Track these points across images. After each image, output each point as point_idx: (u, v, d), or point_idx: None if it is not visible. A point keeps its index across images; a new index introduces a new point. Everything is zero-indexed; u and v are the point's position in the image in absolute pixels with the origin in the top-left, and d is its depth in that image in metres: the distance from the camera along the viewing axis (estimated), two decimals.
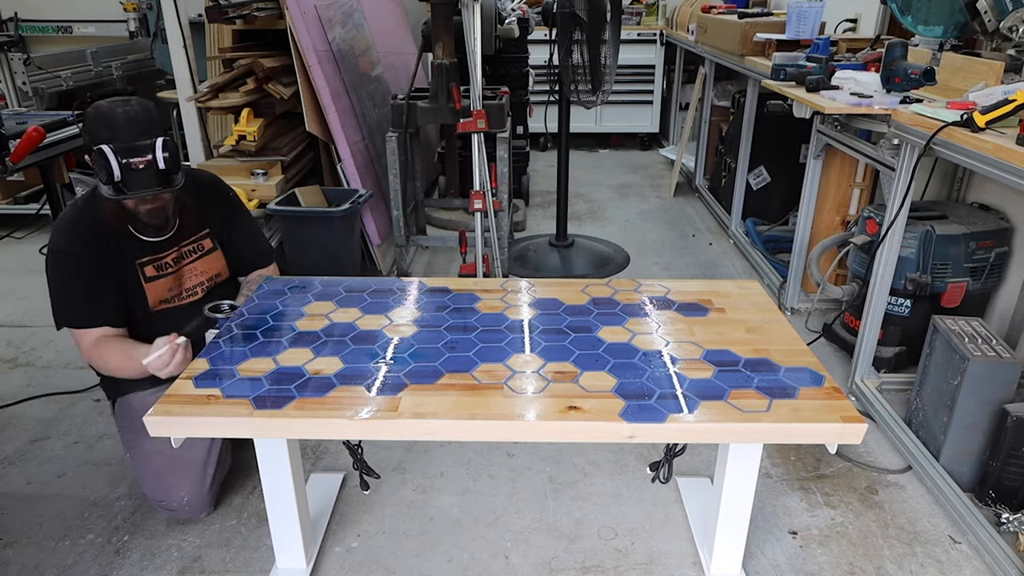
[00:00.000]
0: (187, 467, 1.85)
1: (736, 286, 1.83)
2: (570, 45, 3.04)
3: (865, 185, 2.92)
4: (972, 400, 1.91)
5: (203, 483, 1.86)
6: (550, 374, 1.42)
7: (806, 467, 2.13)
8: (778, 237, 3.68)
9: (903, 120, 2.09)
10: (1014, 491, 1.87)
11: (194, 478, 1.85)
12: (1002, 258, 2.34)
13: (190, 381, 1.41)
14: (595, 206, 4.61)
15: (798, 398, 1.34)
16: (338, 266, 3.08)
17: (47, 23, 4.93)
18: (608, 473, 2.10)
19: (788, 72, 2.70)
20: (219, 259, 1.96)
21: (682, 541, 1.85)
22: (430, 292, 1.80)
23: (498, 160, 3.12)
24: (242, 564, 1.78)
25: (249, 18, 3.13)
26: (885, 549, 1.83)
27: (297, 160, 3.45)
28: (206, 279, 1.93)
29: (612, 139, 6.21)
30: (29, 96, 4.37)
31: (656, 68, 5.72)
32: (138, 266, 1.79)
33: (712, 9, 4.38)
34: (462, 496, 2.01)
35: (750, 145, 3.65)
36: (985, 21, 2.20)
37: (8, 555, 1.80)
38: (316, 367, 1.45)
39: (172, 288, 1.87)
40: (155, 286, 1.83)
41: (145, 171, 1.58)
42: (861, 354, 2.38)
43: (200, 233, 1.91)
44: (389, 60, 4.31)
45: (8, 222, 3.96)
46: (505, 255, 3.24)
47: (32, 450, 2.20)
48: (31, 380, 2.59)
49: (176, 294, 1.88)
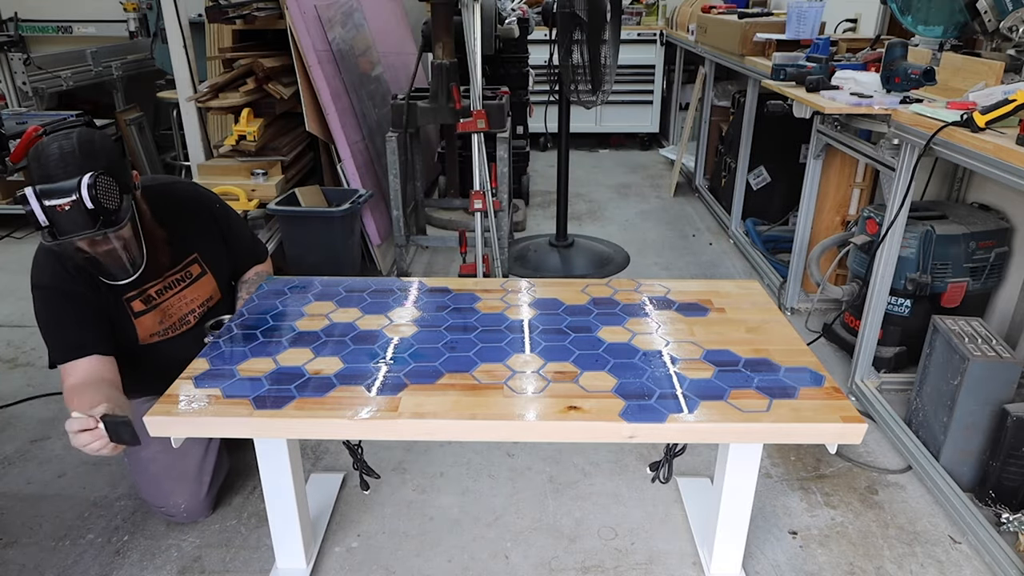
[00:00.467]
0: (183, 474, 1.84)
1: (736, 286, 1.83)
2: (570, 45, 3.04)
3: (865, 185, 2.92)
4: (972, 400, 1.91)
5: (199, 490, 1.86)
6: (550, 374, 1.42)
7: (806, 467, 2.13)
8: (778, 237, 3.68)
9: (903, 120, 2.09)
10: (1014, 491, 1.87)
11: (190, 485, 1.85)
12: (1002, 258, 2.34)
13: (190, 381, 1.41)
14: (595, 206, 4.61)
15: (798, 398, 1.34)
16: (338, 266, 3.08)
17: (47, 23, 4.93)
18: (608, 473, 2.10)
19: (788, 72, 2.70)
20: (209, 283, 1.87)
21: (682, 541, 1.85)
22: (430, 292, 1.80)
23: (498, 160, 3.12)
24: (242, 564, 1.78)
25: (249, 18, 3.13)
26: (885, 549, 1.83)
27: (297, 160, 3.45)
28: (197, 306, 1.85)
29: (612, 139, 6.20)
30: (29, 96, 4.37)
31: (656, 68, 5.72)
32: (125, 301, 1.71)
33: (712, 9, 4.38)
34: (462, 496, 2.01)
35: (750, 145, 3.65)
36: (985, 21, 2.20)
37: (8, 555, 1.80)
38: (316, 367, 1.45)
39: (162, 321, 1.78)
40: (144, 321, 1.74)
41: (71, 212, 1.42)
42: (861, 354, 2.38)
43: (186, 260, 1.81)
44: (389, 60, 4.31)
45: (8, 222, 3.96)
46: (505, 255, 3.24)
47: (32, 450, 2.20)
48: (31, 380, 2.59)
49: (168, 326, 1.80)
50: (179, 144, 4.28)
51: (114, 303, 1.70)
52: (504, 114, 3.12)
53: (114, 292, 1.68)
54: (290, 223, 3.06)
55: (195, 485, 1.86)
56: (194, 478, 1.86)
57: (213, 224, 1.88)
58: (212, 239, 1.87)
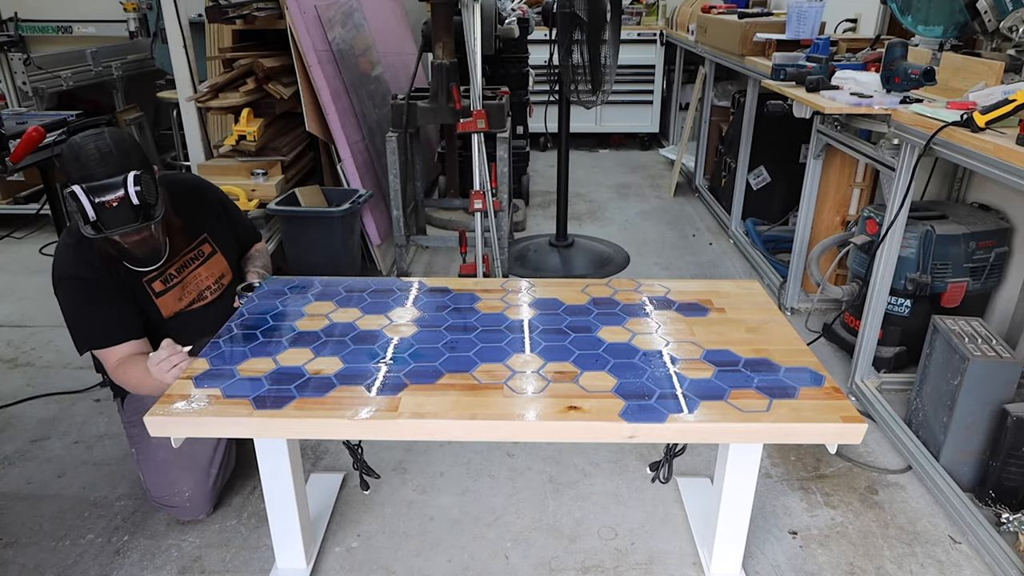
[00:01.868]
0: (193, 462, 1.86)
1: (736, 286, 1.83)
2: (570, 45, 3.04)
3: (865, 185, 2.92)
4: (972, 400, 1.91)
5: (207, 480, 1.87)
6: (550, 374, 1.42)
7: (806, 467, 2.13)
8: (778, 237, 3.68)
9: (903, 120, 2.09)
10: (1014, 491, 1.87)
11: (199, 474, 1.86)
12: (1002, 258, 2.34)
13: (190, 381, 1.41)
14: (595, 206, 4.61)
15: (798, 398, 1.34)
16: (338, 266, 3.08)
17: (47, 23, 4.93)
18: (608, 473, 2.10)
19: (788, 72, 2.70)
20: (221, 262, 1.95)
21: (682, 541, 1.85)
22: (430, 292, 1.80)
23: (498, 160, 3.12)
24: (242, 564, 1.78)
25: (249, 18, 3.13)
26: (885, 549, 1.83)
27: (297, 160, 3.45)
28: (212, 282, 1.93)
29: (612, 139, 6.21)
30: (29, 96, 4.36)
31: (656, 68, 5.72)
32: (145, 283, 1.79)
33: (712, 9, 4.38)
34: (462, 496, 2.01)
35: (750, 145, 3.65)
36: (985, 21, 2.20)
37: (8, 555, 1.80)
38: (316, 367, 1.45)
39: (182, 298, 1.86)
40: (165, 300, 1.82)
41: (119, 208, 1.54)
42: (861, 354, 2.38)
43: (197, 240, 1.90)
44: (389, 60, 4.31)
45: (8, 222, 3.96)
46: (505, 255, 3.24)
47: (32, 450, 2.20)
48: (31, 380, 2.59)
49: (187, 304, 1.87)
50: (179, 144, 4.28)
51: (135, 286, 1.77)
52: (504, 114, 3.12)
53: (134, 276, 1.77)
54: (290, 223, 3.06)
55: (203, 475, 1.87)
56: (203, 468, 1.87)
57: (220, 207, 2.00)
58: (219, 220, 1.97)
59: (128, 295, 1.75)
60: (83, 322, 1.72)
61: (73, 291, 1.71)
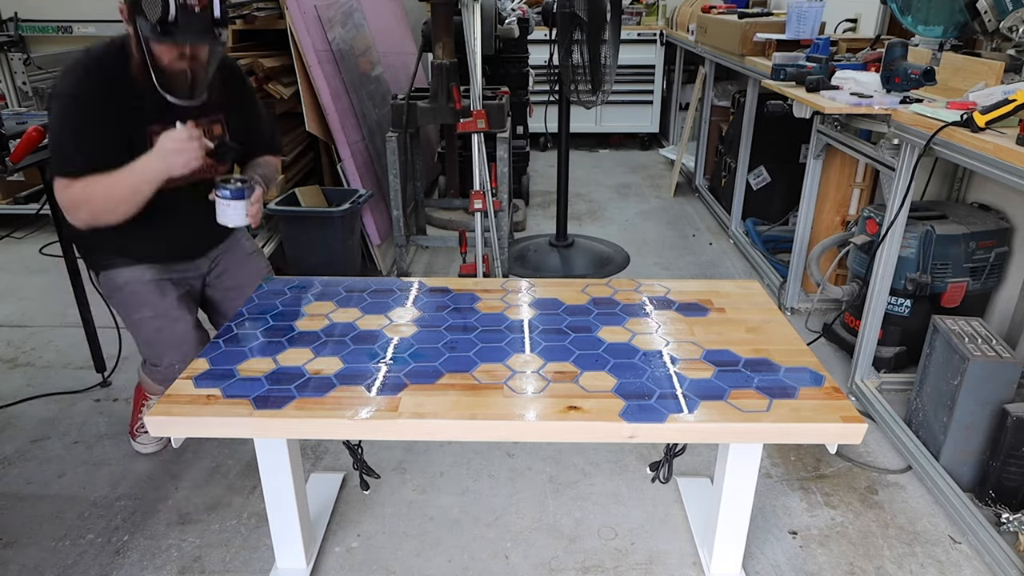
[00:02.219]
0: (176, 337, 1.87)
1: (736, 286, 1.83)
2: (570, 45, 3.04)
3: (865, 185, 2.92)
4: (972, 400, 1.91)
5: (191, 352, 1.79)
6: (550, 374, 1.42)
7: (806, 467, 2.13)
8: (778, 237, 3.68)
9: (903, 120, 2.09)
10: (1014, 491, 1.87)
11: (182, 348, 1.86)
12: (1002, 258, 2.34)
13: (190, 381, 1.41)
14: (595, 206, 4.61)
15: (798, 398, 1.34)
16: (338, 266, 3.08)
17: (47, 23, 4.92)
18: (608, 473, 2.10)
19: (788, 72, 2.70)
20: None
21: (682, 541, 1.85)
22: (430, 292, 1.80)
23: (498, 160, 3.12)
24: (242, 564, 1.78)
25: (249, 18, 3.13)
26: (885, 549, 1.83)
27: (297, 160, 3.45)
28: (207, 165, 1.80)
29: (612, 139, 6.21)
30: (29, 96, 4.36)
31: (656, 68, 5.72)
32: (148, 133, 1.69)
33: (712, 9, 4.38)
34: (462, 496, 2.01)
35: (750, 145, 3.65)
36: (985, 21, 2.20)
37: (8, 555, 1.80)
38: (316, 367, 1.45)
39: None
40: None
41: (201, 15, 1.53)
42: (861, 354, 2.38)
43: (217, 115, 1.84)
44: (389, 60, 4.31)
45: (8, 222, 3.95)
46: (505, 255, 3.24)
47: (32, 450, 2.20)
48: (31, 380, 2.59)
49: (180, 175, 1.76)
50: None
51: (136, 131, 1.70)
52: (504, 114, 3.12)
53: (141, 119, 1.69)
54: (290, 223, 3.06)
55: (187, 347, 1.86)
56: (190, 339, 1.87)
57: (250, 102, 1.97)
58: (241, 113, 1.93)
59: (124, 137, 1.67)
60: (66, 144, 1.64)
61: (65, 111, 1.64)
